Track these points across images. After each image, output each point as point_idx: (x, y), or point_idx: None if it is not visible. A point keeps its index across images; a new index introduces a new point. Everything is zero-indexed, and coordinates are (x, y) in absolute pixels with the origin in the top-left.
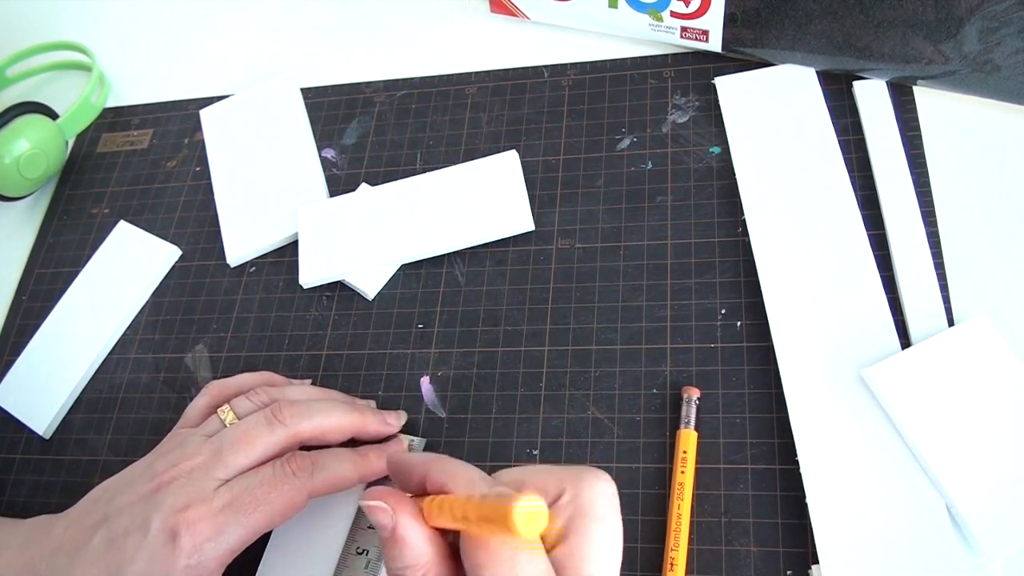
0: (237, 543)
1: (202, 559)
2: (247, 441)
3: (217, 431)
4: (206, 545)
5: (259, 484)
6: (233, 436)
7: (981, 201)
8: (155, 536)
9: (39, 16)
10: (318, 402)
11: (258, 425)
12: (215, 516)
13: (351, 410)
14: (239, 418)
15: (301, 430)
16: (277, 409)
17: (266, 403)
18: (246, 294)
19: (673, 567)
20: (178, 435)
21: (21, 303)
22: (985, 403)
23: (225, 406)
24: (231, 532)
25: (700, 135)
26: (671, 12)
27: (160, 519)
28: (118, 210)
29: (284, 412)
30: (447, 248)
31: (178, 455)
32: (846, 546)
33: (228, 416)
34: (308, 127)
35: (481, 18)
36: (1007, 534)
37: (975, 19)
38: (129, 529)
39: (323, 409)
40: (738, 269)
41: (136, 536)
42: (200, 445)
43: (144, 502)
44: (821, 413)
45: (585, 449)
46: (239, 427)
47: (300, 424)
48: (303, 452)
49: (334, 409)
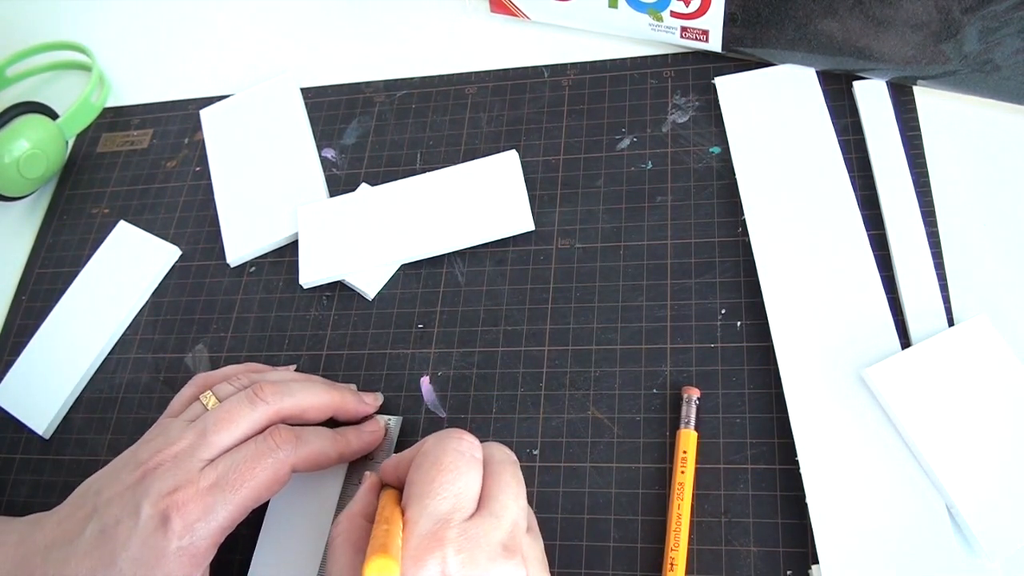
0: (227, 521)
1: (194, 539)
2: (230, 420)
3: (199, 415)
4: (197, 525)
5: (243, 460)
6: (216, 417)
7: (981, 201)
8: (146, 521)
9: (39, 16)
10: (298, 382)
11: (240, 404)
12: (203, 496)
13: (330, 389)
14: (221, 401)
15: (283, 407)
16: (258, 388)
17: (247, 386)
18: (246, 294)
19: (673, 567)
20: (161, 424)
21: (21, 303)
22: (985, 403)
23: (207, 392)
24: (220, 510)
25: (700, 135)
26: (671, 12)
27: (149, 504)
28: (118, 210)
29: (265, 390)
30: (447, 248)
31: (162, 442)
32: (846, 546)
33: (210, 401)
34: (308, 127)
35: (481, 18)
36: (1007, 534)
37: (975, 19)
38: (120, 518)
39: (303, 388)
40: (738, 269)
41: (127, 523)
42: (184, 430)
43: (132, 490)
44: (821, 413)
45: (585, 449)
46: (221, 408)
47: (282, 401)
48: (285, 425)
49: (314, 387)
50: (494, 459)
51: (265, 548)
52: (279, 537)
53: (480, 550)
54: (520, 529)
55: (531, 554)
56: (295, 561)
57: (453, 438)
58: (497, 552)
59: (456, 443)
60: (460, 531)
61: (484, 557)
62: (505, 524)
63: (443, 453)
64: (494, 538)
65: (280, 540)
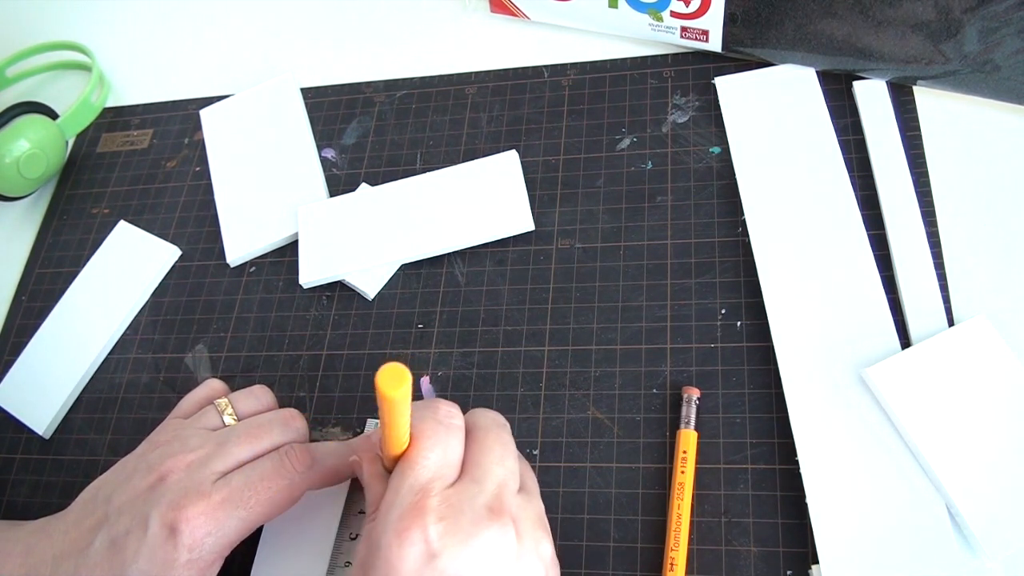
0: (235, 536)
1: (202, 553)
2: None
3: (214, 424)
4: (206, 540)
5: (259, 479)
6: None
7: (981, 201)
8: (155, 533)
9: (39, 16)
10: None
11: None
12: (214, 511)
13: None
14: (238, 415)
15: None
16: (291, 453)
17: (269, 405)
18: (246, 294)
19: (673, 567)
20: (171, 426)
21: (21, 303)
22: (985, 403)
23: (223, 399)
24: (229, 526)
25: (700, 135)
26: (671, 12)
27: (158, 515)
28: (118, 210)
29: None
30: (447, 248)
31: (178, 447)
32: (846, 546)
33: (226, 408)
34: (308, 127)
35: (481, 18)
36: (1007, 534)
37: (975, 19)
38: (130, 528)
39: (329, 453)
40: (738, 269)
41: (136, 534)
42: (204, 439)
43: (143, 499)
44: (821, 413)
45: (585, 449)
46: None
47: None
48: (301, 446)
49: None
50: (477, 424)
51: (267, 549)
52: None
53: (463, 516)
54: (508, 490)
55: (522, 514)
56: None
57: (429, 408)
58: (481, 516)
59: (432, 412)
60: (442, 499)
61: (467, 522)
62: (489, 487)
63: (419, 422)
64: (478, 502)
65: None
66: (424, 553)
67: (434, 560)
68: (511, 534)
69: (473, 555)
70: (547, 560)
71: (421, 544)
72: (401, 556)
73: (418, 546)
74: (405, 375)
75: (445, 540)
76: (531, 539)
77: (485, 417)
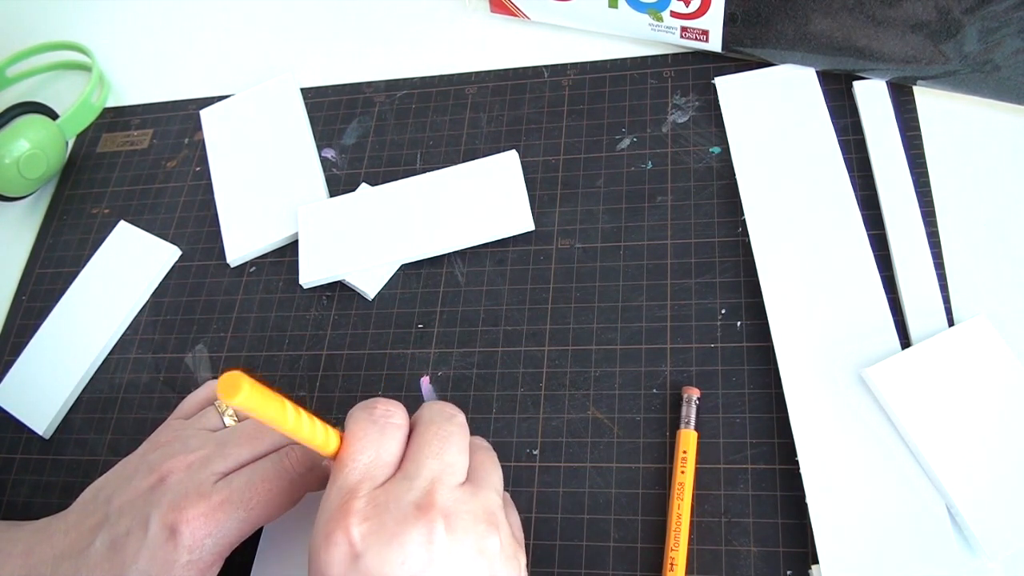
0: (236, 537)
1: (203, 554)
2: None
3: (215, 425)
4: (206, 541)
5: (260, 480)
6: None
7: (981, 201)
8: (155, 534)
9: (39, 16)
10: None
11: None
12: (214, 512)
13: None
14: (239, 416)
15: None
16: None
17: None
18: (246, 294)
19: (673, 567)
20: (171, 426)
21: (21, 303)
22: (985, 403)
23: None
24: (230, 527)
25: (700, 135)
26: (671, 12)
27: (159, 516)
28: (118, 210)
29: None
30: (447, 248)
31: (178, 448)
32: (846, 546)
33: (227, 409)
34: (308, 127)
35: (481, 18)
36: (1007, 534)
37: (975, 19)
38: (130, 529)
39: None
40: (738, 269)
41: (137, 535)
42: (204, 440)
43: (143, 500)
44: (821, 413)
45: (585, 449)
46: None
47: None
48: (303, 448)
49: None
50: (420, 419)
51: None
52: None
53: (388, 515)
54: (442, 485)
55: (460, 508)
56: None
57: (366, 408)
58: (408, 514)
59: (367, 413)
60: (368, 500)
61: (392, 521)
62: (419, 484)
63: (352, 423)
64: (405, 500)
65: (282, 541)
66: (348, 554)
67: (358, 561)
68: (439, 530)
69: (396, 553)
70: (492, 554)
71: (345, 546)
72: (327, 559)
73: (342, 547)
74: (240, 381)
75: (368, 540)
76: (469, 533)
77: (430, 410)
